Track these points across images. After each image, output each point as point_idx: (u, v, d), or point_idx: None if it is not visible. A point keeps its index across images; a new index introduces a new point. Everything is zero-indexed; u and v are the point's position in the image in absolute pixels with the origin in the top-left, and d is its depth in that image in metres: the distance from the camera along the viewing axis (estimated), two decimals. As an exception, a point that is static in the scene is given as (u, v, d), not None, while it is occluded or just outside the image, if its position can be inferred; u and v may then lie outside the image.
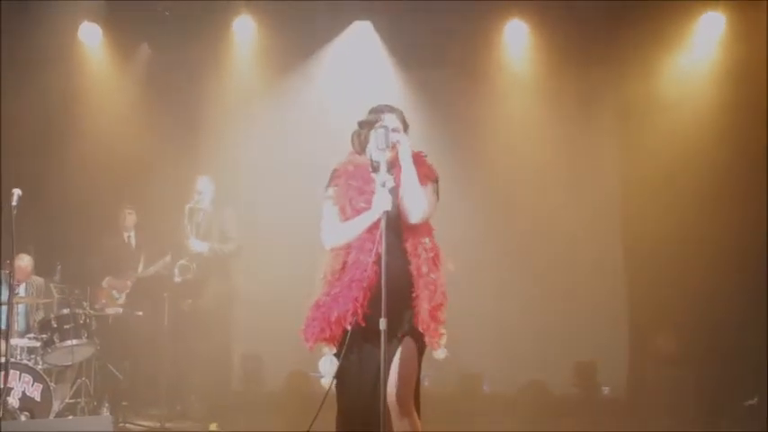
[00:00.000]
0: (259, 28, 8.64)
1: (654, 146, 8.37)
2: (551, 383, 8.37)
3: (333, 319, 3.74)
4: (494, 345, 7.68)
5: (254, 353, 8.69)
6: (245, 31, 8.67)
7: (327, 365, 3.81)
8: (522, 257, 8.63)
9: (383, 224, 3.67)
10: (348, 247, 3.82)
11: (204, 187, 7.59)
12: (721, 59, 8.28)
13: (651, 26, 8.17)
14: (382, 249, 3.64)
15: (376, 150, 3.78)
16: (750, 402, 7.30)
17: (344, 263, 3.83)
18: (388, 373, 3.67)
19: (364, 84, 8.59)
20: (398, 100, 4.08)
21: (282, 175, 8.76)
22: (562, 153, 8.74)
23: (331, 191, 3.92)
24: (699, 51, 8.38)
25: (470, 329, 3.86)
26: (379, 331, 3.59)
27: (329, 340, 3.79)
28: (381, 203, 3.70)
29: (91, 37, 8.66)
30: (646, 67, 8.43)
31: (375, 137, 3.76)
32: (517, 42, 8.68)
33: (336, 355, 3.80)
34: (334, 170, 3.97)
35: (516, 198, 8.78)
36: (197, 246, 7.42)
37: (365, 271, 3.69)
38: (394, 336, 3.72)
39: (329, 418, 3.91)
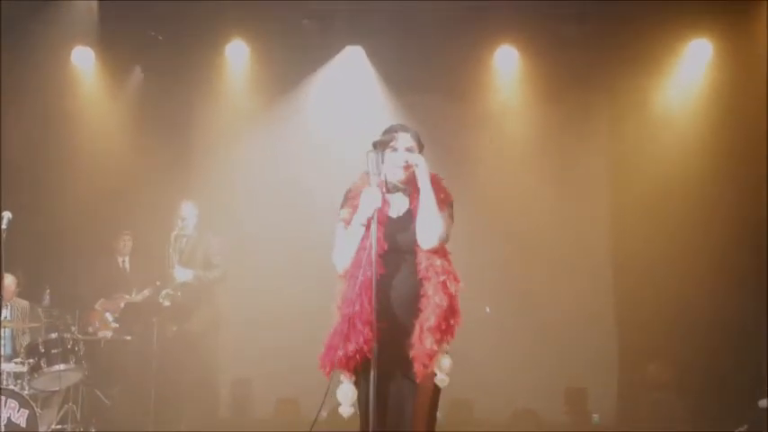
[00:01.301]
0: (251, 52, 8.68)
1: (643, 169, 8.43)
2: (542, 410, 8.33)
3: (343, 354, 3.67)
4: (484, 372, 7.63)
5: (243, 378, 8.63)
6: (237, 55, 8.71)
7: (345, 394, 3.77)
8: (511, 284, 8.63)
9: (374, 223, 3.65)
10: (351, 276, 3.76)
11: (188, 213, 7.55)
12: (709, 85, 8.37)
13: (640, 52, 8.26)
14: (373, 249, 3.61)
15: (388, 168, 3.77)
16: (740, 430, 7.26)
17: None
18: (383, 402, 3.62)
19: (355, 108, 8.63)
20: (389, 125, 4.04)
21: (272, 200, 8.77)
22: (552, 177, 8.78)
23: (345, 212, 3.84)
24: (686, 77, 8.47)
25: (460, 356, 3.80)
26: (395, 354, 3.60)
27: (347, 369, 3.73)
28: (371, 201, 3.68)
29: (84, 60, 8.68)
30: (635, 92, 8.51)
31: (368, 160, 3.73)
32: (507, 68, 8.74)
33: (356, 383, 3.73)
34: (348, 191, 3.89)
35: (506, 223, 8.81)
36: (181, 275, 7.36)
37: (356, 305, 3.64)
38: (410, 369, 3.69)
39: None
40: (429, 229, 3.73)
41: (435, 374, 3.67)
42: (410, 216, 3.80)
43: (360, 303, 3.64)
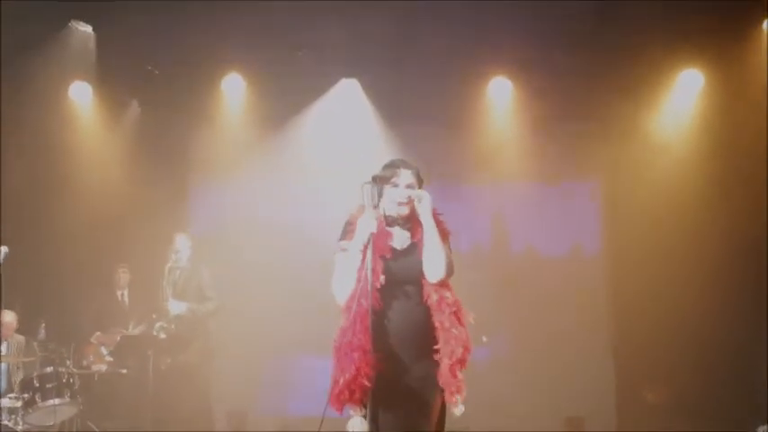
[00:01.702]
0: (247, 86, 8.76)
1: (637, 196, 8.49)
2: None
3: (343, 384, 3.69)
4: (482, 400, 7.58)
5: (239, 410, 8.58)
6: (233, 88, 8.79)
7: (355, 427, 3.76)
8: (507, 312, 8.63)
9: (370, 248, 3.69)
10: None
11: (182, 245, 7.53)
12: (700, 114, 8.46)
13: (632, 82, 8.36)
14: (368, 273, 3.65)
15: (388, 204, 3.82)
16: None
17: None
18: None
19: (351, 140, 8.70)
20: (384, 156, 4.09)
21: (269, 231, 8.81)
22: (546, 205, 8.85)
23: (344, 243, 3.87)
24: (678, 106, 8.57)
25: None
26: (400, 376, 3.64)
27: (352, 402, 3.73)
28: (366, 226, 3.72)
29: (81, 95, 8.75)
30: (627, 121, 8.59)
31: (363, 192, 3.77)
32: (501, 99, 8.83)
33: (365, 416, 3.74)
34: (347, 223, 3.91)
35: (501, 252, 8.86)
36: (175, 308, 7.32)
37: (347, 335, 3.68)
38: (425, 383, 3.73)
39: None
40: (436, 263, 3.78)
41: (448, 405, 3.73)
42: (414, 248, 3.84)
43: (352, 333, 3.67)
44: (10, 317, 7.17)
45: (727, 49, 8.04)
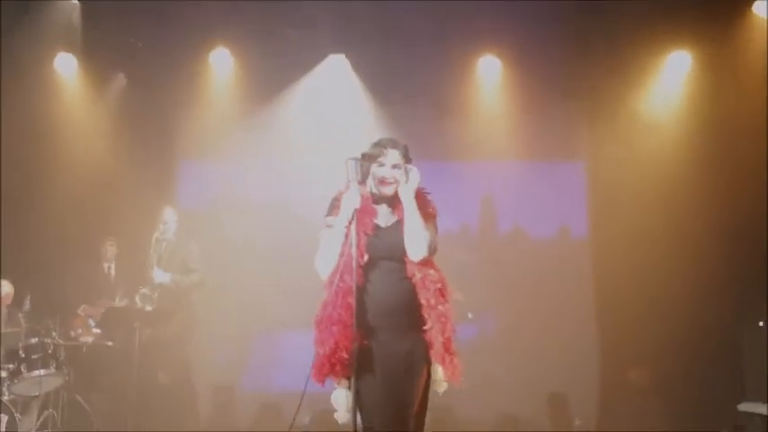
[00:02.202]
0: (234, 60, 8.70)
1: (623, 177, 8.52)
2: (523, 416, 8.39)
3: (323, 356, 3.74)
4: (466, 376, 7.65)
5: (225, 384, 8.63)
6: (220, 62, 8.73)
7: (339, 398, 3.81)
8: (493, 290, 8.68)
9: (354, 224, 3.72)
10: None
11: (169, 217, 7.62)
12: (688, 95, 8.49)
13: (621, 64, 8.36)
14: (353, 249, 3.68)
15: (374, 182, 3.85)
16: (720, 434, 7.36)
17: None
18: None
19: (338, 116, 8.67)
20: (371, 133, 4.10)
21: (254, 206, 8.82)
22: (534, 184, 8.88)
23: (330, 219, 3.90)
24: (666, 87, 8.59)
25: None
26: (384, 351, 3.68)
27: (335, 375, 3.78)
28: (351, 202, 3.75)
29: (67, 67, 8.66)
30: (615, 101, 8.60)
31: (346, 168, 3.79)
32: (490, 78, 8.82)
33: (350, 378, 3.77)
34: (334, 199, 3.95)
35: (487, 230, 8.90)
36: (159, 276, 7.41)
37: (327, 309, 3.73)
38: (412, 357, 3.75)
39: None
40: (417, 242, 3.81)
41: (430, 379, 3.77)
42: (398, 226, 3.87)
43: (332, 307, 3.72)
44: (8, 288, 7.16)
45: (716, 30, 8.05)
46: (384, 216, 3.93)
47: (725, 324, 7.76)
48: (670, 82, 8.60)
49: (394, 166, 3.89)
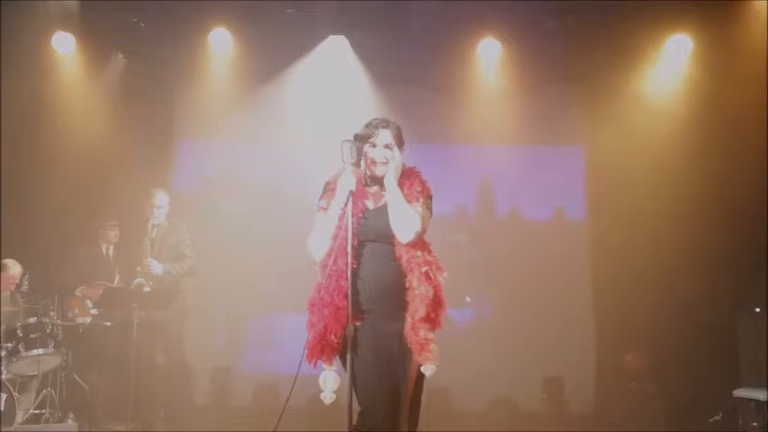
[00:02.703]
0: (234, 40, 8.66)
1: (622, 162, 8.51)
2: (519, 399, 8.44)
3: (312, 338, 3.75)
4: (462, 360, 7.69)
5: (222, 365, 8.68)
6: (220, 43, 8.68)
7: (327, 380, 3.82)
8: (490, 274, 8.70)
9: (349, 206, 3.72)
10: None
11: (161, 201, 7.57)
12: (688, 79, 8.45)
13: (621, 47, 8.32)
14: (348, 232, 3.68)
15: (366, 163, 3.84)
16: (714, 419, 7.39)
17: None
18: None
19: (337, 98, 8.64)
20: (371, 114, 4.08)
21: (251, 188, 8.82)
22: (532, 169, 8.87)
23: (323, 201, 3.91)
24: (666, 71, 8.55)
25: (439, 344, 3.86)
26: (374, 334, 3.69)
27: (324, 357, 3.79)
28: (346, 185, 3.73)
29: (64, 46, 8.61)
30: (615, 85, 8.57)
31: (341, 150, 3.78)
32: (490, 60, 8.78)
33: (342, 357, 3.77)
34: (328, 182, 3.95)
35: (484, 213, 8.91)
36: (154, 267, 7.36)
37: (320, 292, 3.73)
38: (403, 339, 3.75)
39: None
40: (403, 225, 3.80)
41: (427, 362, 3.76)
42: (387, 208, 3.85)
43: (325, 290, 3.73)
44: (17, 268, 7.17)
45: (717, 13, 8.00)
46: (374, 198, 3.93)
47: (721, 309, 7.77)
48: (670, 65, 8.56)
49: (386, 147, 3.87)
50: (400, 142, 3.94)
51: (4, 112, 8.09)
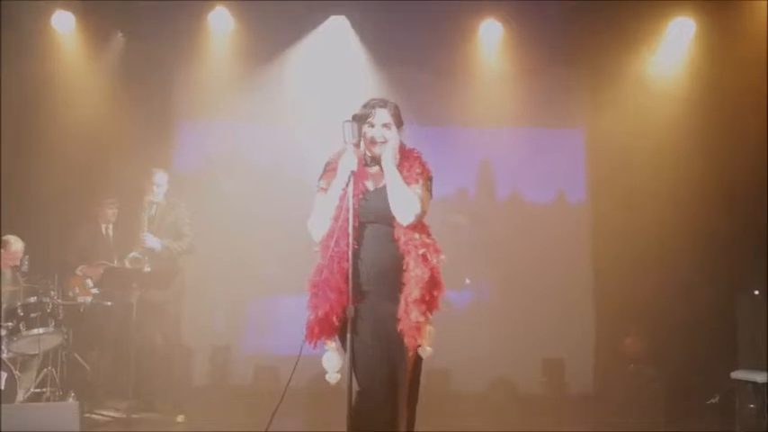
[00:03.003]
0: (234, 21, 8.61)
1: (623, 144, 8.50)
2: (519, 380, 8.48)
3: (313, 319, 3.76)
4: (462, 341, 7.72)
5: (222, 345, 8.71)
6: (220, 23, 8.64)
7: (330, 361, 3.83)
8: (490, 256, 8.71)
9: (350, 187, 3.70)
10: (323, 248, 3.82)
11: (161, 180, 7.58)
12: (691, 62, 8.42)
13: (623, 30, 8.28)
14: (349, 213, 3.67)
15: (365, 143, 3.82)
16: (711, 401, 7.43)
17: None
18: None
19: (338, 78, 8.61)
20: (372, 95, 4.06)
21: (251, 169, 8.82)
22: (532, 151, 8.86)
23: (323, 182, 3.89)
24: (669, 55, 8.52)
25: (438, 325, 3.86)
26: (373, 315, 3.69)
27: (325, 337, 3.80)
28: (347, 165, 3.72)
29: (64, 25, 8.56)
30: (617, 68, 8.54)
31: (343, 130, 3.76)
32: (492, 42, 8.74)
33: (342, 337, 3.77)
34: (328, 163, 3.93)
35: (486, 196, 8.91)
36: (150, 241, 7.38)
37: (323, 273, 3.73)
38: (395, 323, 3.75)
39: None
40: (402, 207, 3.78)
41: (419, 344, 3.75)
42: (386, 189, 3.84)
43: (329, 272, 3.72)
44: (19, 244, 7.18)
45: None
46: (374, 179, 3.92)
47: (720, 292, 7.79)
48: (672, 48, 8.52)
49: (384, 126, 3.86)
50: (399, 122, 3.92)
51: (4, 90, 8.04)
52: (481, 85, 8.77)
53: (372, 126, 3.86)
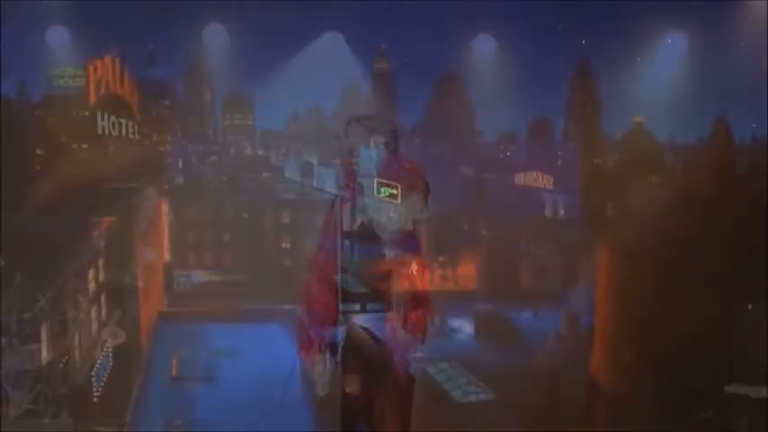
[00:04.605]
0: (229, 36, 8.64)
1: (622, 158, 8.53)
2: (513, 394, 8.45)
3: (306, 335, 3.78)
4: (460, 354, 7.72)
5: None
6: (215, 39, 8.67)
7: (319, 373, 3.85)
8: (495, 265, 8.73)
9: (338, 205, 3.72)
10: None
11: (150, 193, 7.62)
12: (684, 78, 8.47)
13: (618, 48, 8.34)
14: (338, 229, 3.68)
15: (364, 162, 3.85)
16: (705, 415, 7.42)
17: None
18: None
19: (332, 91, 8.65)
20: (367, 109, 4.09)
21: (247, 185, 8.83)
22: (526, 163, 8.91)
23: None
24: (662, 69, 8.58)
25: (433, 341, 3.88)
26: (369, 324, 3.69)
27: (317, 348, 3.82)
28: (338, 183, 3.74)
29: (59, 40, 8.56)
30: (611, 82, 8.59)
31: (341, 146, 3.76)
32: (485, 56, 8.78)
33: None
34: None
35: (479, 205, 8.94)
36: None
37: (312, 288, 3.75)
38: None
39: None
40: (395, 221, 3.79)
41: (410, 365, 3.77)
42: (383, 203, 3.86)
43: (319, 287, 3.74)
44: None
45: (714, 13, 8.01)
46: (369, 192, 3.94)
47: (715, 307, 7.80)
48: (666, 63, 8.58)
49: (384, 144, 3.88)
50: (395, 138, 3.95)
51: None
52: (477, 96, 8.82)
53: (370, 144, 3.88)
